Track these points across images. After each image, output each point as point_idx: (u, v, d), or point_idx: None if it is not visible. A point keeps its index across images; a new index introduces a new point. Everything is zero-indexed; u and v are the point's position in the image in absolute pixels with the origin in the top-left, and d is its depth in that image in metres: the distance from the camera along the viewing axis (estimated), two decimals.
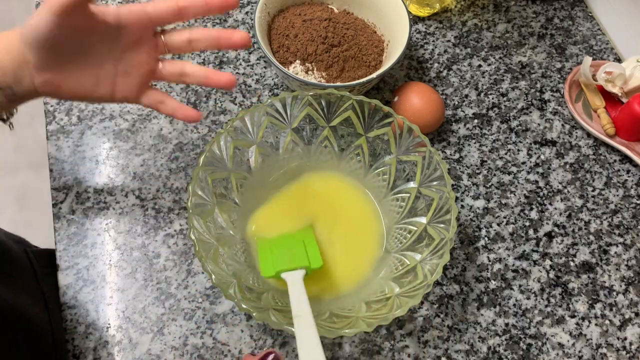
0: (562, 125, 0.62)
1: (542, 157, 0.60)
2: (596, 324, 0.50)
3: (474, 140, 0.60)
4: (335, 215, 0.51)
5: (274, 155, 0.52)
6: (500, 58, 0.67)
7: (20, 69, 0.40)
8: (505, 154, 0.60)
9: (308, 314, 0.40)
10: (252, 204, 0.51)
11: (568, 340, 0.50)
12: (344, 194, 0.53)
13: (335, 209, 0.51)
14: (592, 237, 0.55)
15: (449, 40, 0.68)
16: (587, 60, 0.61)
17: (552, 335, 0.50)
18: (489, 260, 0.53)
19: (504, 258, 0.53)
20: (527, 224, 0.55)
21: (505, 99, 0.64)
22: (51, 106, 0.59)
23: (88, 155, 0.57)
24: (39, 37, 0.38)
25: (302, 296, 0.42)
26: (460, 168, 0.58)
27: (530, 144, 0.61)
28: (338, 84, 0.55)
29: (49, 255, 0.67)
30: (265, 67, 0.63)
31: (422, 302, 0.51)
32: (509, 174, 0.58)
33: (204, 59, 0.63)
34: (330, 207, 0.52)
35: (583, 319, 0.51)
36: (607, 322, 0.51)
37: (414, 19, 0.69)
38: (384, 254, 0.49)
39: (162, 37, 0.43)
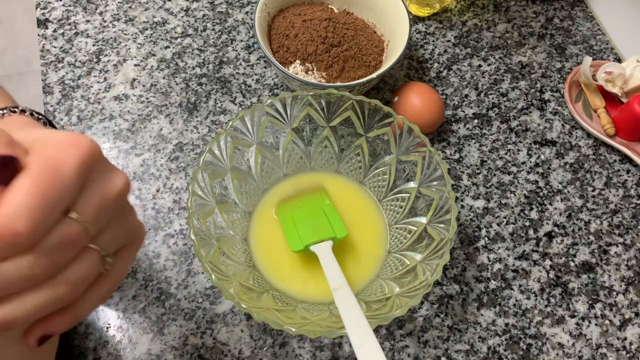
0: (562, 125, 0.62)
1: (542, 157, 0.60)
2: (596, 324, 0.50)
3: (474, 140, 0.60)
4: None
5: (274, 155, 0.52)
6: (500, 58, 0.67)
7: None
8: (505, 154, 0.60)
9: (345, 284, 0.41)
10: (252, 204, 0.51)
11: (568, 340, 0.50)
12: (344, 194, 0.53)
13: (337, 209, 0.51)
14: (592, 237, 0.55)
15: (449, 40, 0.68)
16: (587, 60, 0.61)
17: (552, 335, 0.50)
18: (489, 260, 0.53)
19: (504, 258, 0.53)
20: (527, 224, 0.55)
21: (505, 99, 0.64)
22: (51, 106, 0.59)
23: None
24: None
25: (335, 268, 0.43)
26: (460, 168, 0.58)
27: (530, 144, 0.61)
28: (338, 84, 0.55)
29: None
30: (265, 67, 0.63)
31: (422, 302, 0.51)
32: (509, 174, 0.58)
33: (204, 59, 0.63)
34: None
35: (583, 319, 0.51)
36: (607, 322, 0.51)
37: (414, 19, 0.69)
38: (384, 253, 0.49)
39: None
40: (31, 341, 0.24)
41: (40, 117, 0.34)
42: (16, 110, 0.31)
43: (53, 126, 0.35)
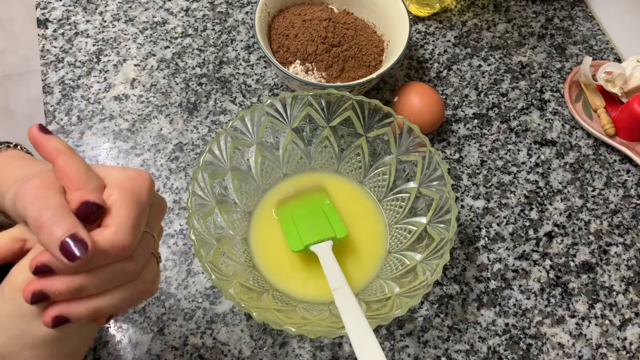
0: (562, 125, 0.62)
1: (542, 157, 0.60)
2: (596, 324, 0.50)
3: (474, 140, 0.60)
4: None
5: (274, 155, 0.52)
6: (500, 58, 0.67)
7: None
8: (505, 154, 0.60)
9: (345, 284, 0.41)
10: (252, 204, 0.51)
11: (568, 340, 0.50)
12: (344, 194, 0.53)
13: (337, 209, 0.51)
14: (592, 237, 0.55)
15: (449, 40, 0.67)
16: (587, 60, 0.61)
17: (552, 335, 0.50)
18: (489, 260, 0.53)
19: (504, 258, 0.53)
20: (527, 224, 0.55)
21: (505, 99, 0.64)
22: (51, 106, 0.59)
23: (88, 155, 0.57)
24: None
25: (335, 268, 0.43)
26: (460, 168, 0.58)
27: (530, 144, 0.61)
28: (338, 84, 0.55)
29: None
30: (265, 67, 0.63)
31: (422, 302, 0.51)
32: (509, 174, 0.58)
33: (204, 59, 0.63)
34: None
35: (583, 319, 0.51)
36: (607, 322, 0.51)
37: (414, 19, 0.69)
38: (384, 253, 0.49)
39: None
40: (102, 321, 0.29)
41: (27, 151, 0.38)
42: (10, 144, 0.36)
43: None
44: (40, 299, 0.26)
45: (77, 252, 0.24)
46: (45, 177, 0.27)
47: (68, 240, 0.24)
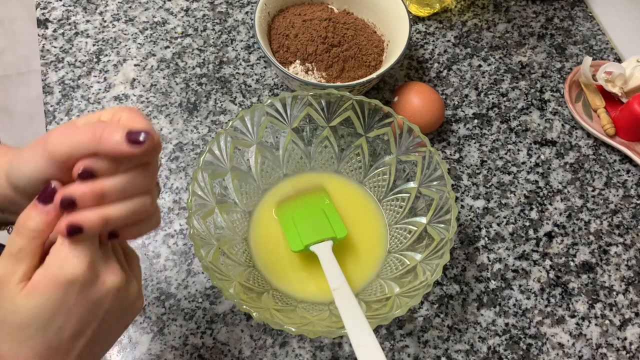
0: (562, 125, 0.62)
1: (542, 157, 0.60)
2: (596, 324, 0.50)
3: (474, 140, 0.60)
4: None
5: (274, 155, 0.52)
6: (500, 58, 0.67)
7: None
8: (505, 154, 0.60)
9: (345, 284, 0.41)
10: (252, 204, 0.51)
11: (568, 340, 0.50)
12: (344, 194, 0.53)
13: (337, 209, 0.52)
14: (592, 237, 0.55)
15: (449, 40, 0.68)
16: (587, 60, 0.61)
17: (552, 335, 0.50)
18: (489, 260, 0.53)
19: (504, 258, 0.53)
20: (527, 224, 0.55)
21: (505, 99, 0.64)
22: (51, 106, 0.59)
23: None
24: (25, 186, 0.31)
25: (335, 268, 0.43)
26: (460, 168, 0.58)
27: (530, 144, 0.61)
28: (338, 84, 0.55)
29: None
30: (265, 67, 0.63)
31: (422, 302, 0.51)
32: (509, 174, 0.58)
33: (204, 59, 0.63)
34: None
35: (583, 319, 0.51)
36: (607, 322, 0.51)
37: (414, 19, 0.69)
38: (384, 253, 0.49)
39: None
40: (125, 235, 0.31)
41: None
42: None
43: None
44: (69, 204, 0.28)
45: (140, 138, 0.28)
46: (62, 125, 0.30)
47: (129, 135, 0.28)
